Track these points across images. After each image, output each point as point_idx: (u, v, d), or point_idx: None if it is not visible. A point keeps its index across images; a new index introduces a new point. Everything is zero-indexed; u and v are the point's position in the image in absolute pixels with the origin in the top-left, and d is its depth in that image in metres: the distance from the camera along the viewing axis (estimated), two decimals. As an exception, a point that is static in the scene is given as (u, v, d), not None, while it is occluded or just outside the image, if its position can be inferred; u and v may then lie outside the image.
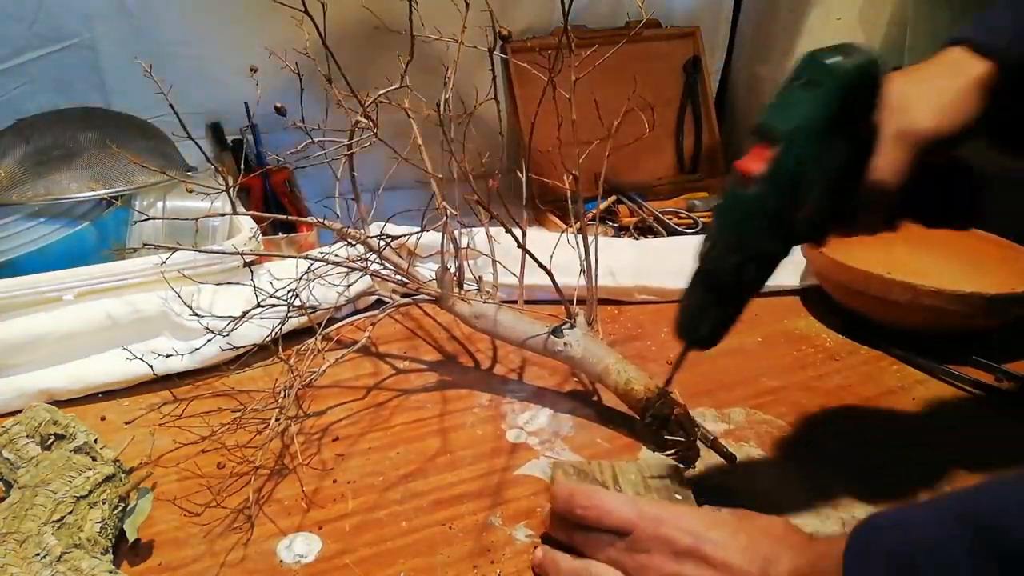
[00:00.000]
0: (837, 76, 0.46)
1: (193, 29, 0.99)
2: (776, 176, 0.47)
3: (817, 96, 0.46)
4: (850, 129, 0.47)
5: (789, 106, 0.47)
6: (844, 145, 0.47)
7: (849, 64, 0.46)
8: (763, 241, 0.49)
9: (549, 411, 0.71)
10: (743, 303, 0.53)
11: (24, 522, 0.48)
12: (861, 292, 0.81)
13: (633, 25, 1.18)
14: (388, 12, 0.67)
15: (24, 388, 0.69)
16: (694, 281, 0.53)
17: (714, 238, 0.51)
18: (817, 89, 0.46)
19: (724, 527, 0.48)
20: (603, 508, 0.50)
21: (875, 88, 0.47)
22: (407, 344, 0.83)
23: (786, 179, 0.47)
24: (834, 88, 0.46)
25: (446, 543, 0.55)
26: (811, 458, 0.65)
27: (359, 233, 0.71)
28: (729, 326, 0.54)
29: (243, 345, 0.71)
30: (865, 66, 0.46)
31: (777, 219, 0.48)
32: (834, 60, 0.46)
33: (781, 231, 0.49)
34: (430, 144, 0.71)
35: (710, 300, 0.52)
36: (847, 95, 0.46)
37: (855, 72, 0.46)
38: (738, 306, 0.53)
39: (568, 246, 0.73)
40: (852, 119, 0.47)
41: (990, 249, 0.89)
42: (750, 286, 0.52)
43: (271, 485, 0.61)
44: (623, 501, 0.51)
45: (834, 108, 0.46)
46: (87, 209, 0.83)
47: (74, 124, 0.86)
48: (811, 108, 0.46)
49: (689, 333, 0.55)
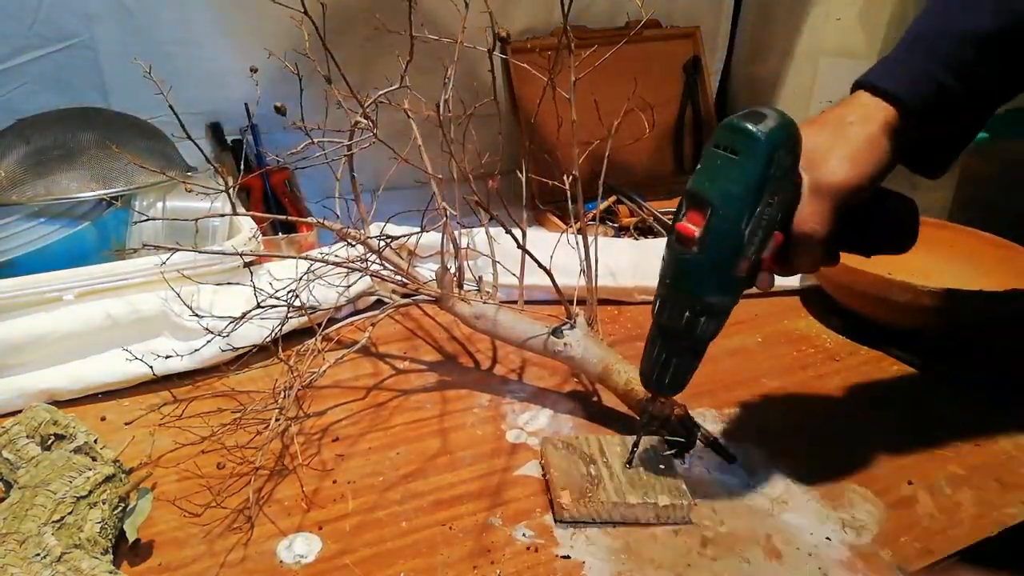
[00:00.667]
0: (756, 146, 0.49)
1: (193, 29, 0.99)
2: (711, 240, 0.50)
3: (740, 165, 0.49)
4: (775, 188, 0.50)
5: (715, 174, 0.50)
6: (772, 202, 0.50)
7: (766, 132, 0.49)
8: (709, 297, 0.52)
9: (549, 411, 0.71)
10: (702, 351, 0.56)
11: (24, 522, 0.48)
12: (861, 292, 0.81)
13: (633, 25, 1.18)
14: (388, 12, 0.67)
15: (24, 388, 0.69)
16: (652, 336, 0.56)
17: (663, 296, 0.54)
18: (739, 158, 0.49)
19: None
20: None
21: (793, 148, 0.51)
22: (407, 344, 0.83)
23: (720, 242, 0.51)
24: (754, 157, 0.49)
25: (446, 543, 0.55)
26: (811, 458, 0.65)
27: (359, 233, 0.71)
28: (692, 372, 0.57)
29: (243, 346, 0.71)
30: (780, 131, 0.49)
31: (718, 277, 0.52)
32: (754, 129, 0.49)
33: (724, 286, 0.52)
34: (430, 144, 0.71)
35: (670, 353, 0.56)
36: (768, 162, 0.49)
37: (773, 139, 0.49)
38: (698, 354, 0.56)
39: (568, 246, 0.73)
40: (775, 180, 0.50)
41: (990, 249, 0.89)
42: (705, 337, 0.54)
43: (271, 485, 0.61)
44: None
45: (756, 175, 0.49)
46: (87, 209, 0.83)
47: (74, 124, 0.86)
48: (735, 178, 0.50)
49: (655, 384, 0.57)
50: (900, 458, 0.65)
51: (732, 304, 0.54)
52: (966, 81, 0.53)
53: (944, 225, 0.94)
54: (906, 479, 0.62)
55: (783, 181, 0.51)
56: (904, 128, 0.53)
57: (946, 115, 0.54)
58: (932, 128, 0.54)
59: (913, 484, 0.62)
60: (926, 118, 0.53)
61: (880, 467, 0.64)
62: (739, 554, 0.55)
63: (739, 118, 0.50)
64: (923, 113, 0.53)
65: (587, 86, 0.68)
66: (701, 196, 0.50)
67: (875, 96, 0.54)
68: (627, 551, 0.55)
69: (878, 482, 0.62)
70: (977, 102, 0.55)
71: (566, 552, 0.54)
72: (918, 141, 0.55)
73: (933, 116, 0.53)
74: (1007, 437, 0.68)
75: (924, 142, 0.56)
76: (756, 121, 0.49)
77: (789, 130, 0.50)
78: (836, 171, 0.52)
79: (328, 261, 0.72)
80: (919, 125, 0.53)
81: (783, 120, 0.50)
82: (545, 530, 0.57)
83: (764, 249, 0.52)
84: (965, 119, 0.57)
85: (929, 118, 0.53)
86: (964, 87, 0.53)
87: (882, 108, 0.53)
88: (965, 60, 0.52)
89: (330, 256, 0.73)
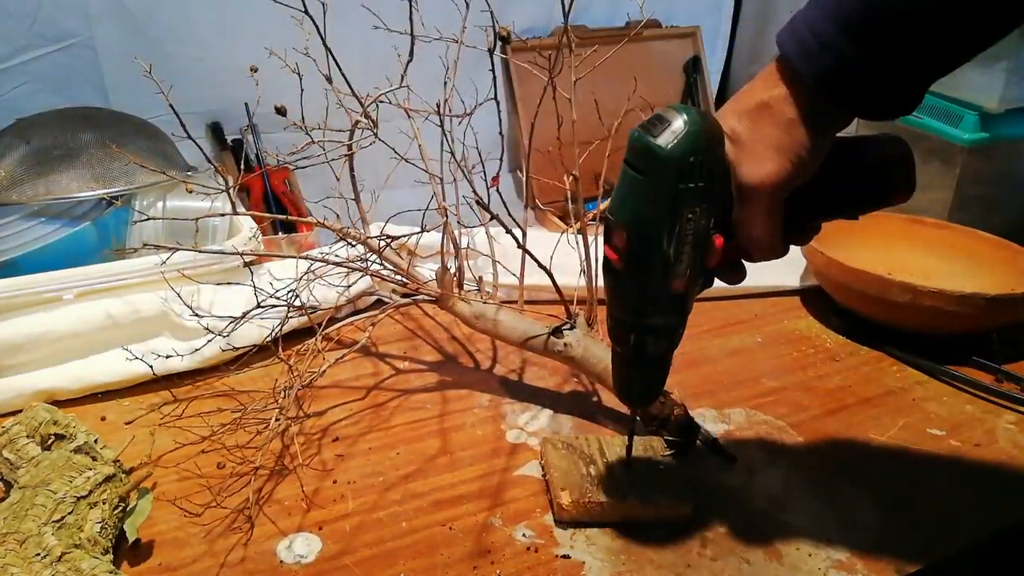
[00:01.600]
0: (659, 163, 0.43)
1: (193, 29, 0.99)
2: (634, 265, 0.47)
3: (646, 186, 0.44)
4: (694, 200, 0.45)
5: (626, 197, 0.46)
6: (694, 215, 0.45)
7: (669, 146, 0.43)
8: (651, 319, 0.49)
9: (549, 411, 0.71)
10: (663, 365, 0.53)
11: (24, 522, 0.48)
12: (861, 293, 0.81)
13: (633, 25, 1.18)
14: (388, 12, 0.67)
15: (24, 388, 0.69)
16: (612, 356, 0.55)
17: (609, 321, 0.52)
18: (643, 177, 0.44)
19: None
20: None
21: (708, 149, 0.44)
22: (407, 344, 0.83)
23: (644, 266, 0.47)
24: (660, 175, 0.44)
25: (446, 544, 0.55)
26: (811, 459, 0.65)
27: (359, 233, 0.71)
28: (661, 384, 0.54)
29: (243, 345, 0.71)
30: (687, 139, 0.43)
31: (651, 298, 0.48)
32: (653, 144, 0.43)
33: (663, 305, 0.49)
34: (430, 144, 0.71)
35: (631, 372, 0.54)
36: (676, 177, 0.44)
37: (679, 151, 0.43)
38: (659, 368, 0.53)
39: (568, 246, 0.73)
40: (691, 192, 0.44)
41: (990, 249, 0.89)
42: (659, 353, 0.52)
43: (271, 485, 0.61)
44: None
45: (666, 194, 0.44)
46: (87, 209, 0.83)
47: (74, 124, 0.86)
48: (644, 199, 0.45)
49: (627, 399, 0.56)
50: (899, 458, 0.65)
51: (679, 320, 0.50)
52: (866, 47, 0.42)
53: (944, 225, 0.94)
54: (906, 479, 0.62)
55: (701, 189, 0.44)
56: (810, 98, 0.44)
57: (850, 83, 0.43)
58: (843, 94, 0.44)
59: (913, 484, 0.62)
60: (829, 89, 0.43)
61: (880, 467, 0.64)
62: (739, 554, 0.55)
63: (640, 129, 0.44)
64: (825, 84, 0.43)
65: (587, 86, 0.68)
66: (617, 219, 0.46)
67: (784, 63, 0.45)
68: (627, 551, 0.55)
69: (878, 482, 0.62)
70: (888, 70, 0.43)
71: (566, 552, 0.54)
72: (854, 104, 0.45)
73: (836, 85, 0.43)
74: (1007, 437, 0.68)
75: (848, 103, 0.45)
76: (657, 132, 0.43)
77: (697, 133, 0.43)
78: (757, 169, 0.45)
79: (328, 261, 0.72)
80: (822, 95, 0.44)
81: (691, 123, 0.43)
82: (545, 530, 0.57)
83: (702, 260, 0.47)
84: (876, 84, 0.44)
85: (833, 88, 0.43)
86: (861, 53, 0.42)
87: (791, 78, 0.45)
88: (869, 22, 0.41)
89: (330, 256, 0.73)
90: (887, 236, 0.94)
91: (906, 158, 0.48)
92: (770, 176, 0.45)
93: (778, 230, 0.47)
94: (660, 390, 0.56)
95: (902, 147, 0.49)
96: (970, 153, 1.07)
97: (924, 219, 0.95)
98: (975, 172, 1.08)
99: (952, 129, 1.07)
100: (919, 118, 1.11)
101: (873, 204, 0.50)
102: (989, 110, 1.05)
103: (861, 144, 0.49)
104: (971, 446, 0.67)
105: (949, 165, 1.09)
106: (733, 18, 1.33)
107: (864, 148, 0.49)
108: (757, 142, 0.45)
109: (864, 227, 0.94)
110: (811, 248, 0.85)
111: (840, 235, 0.91)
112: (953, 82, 1.09)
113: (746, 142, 0.46)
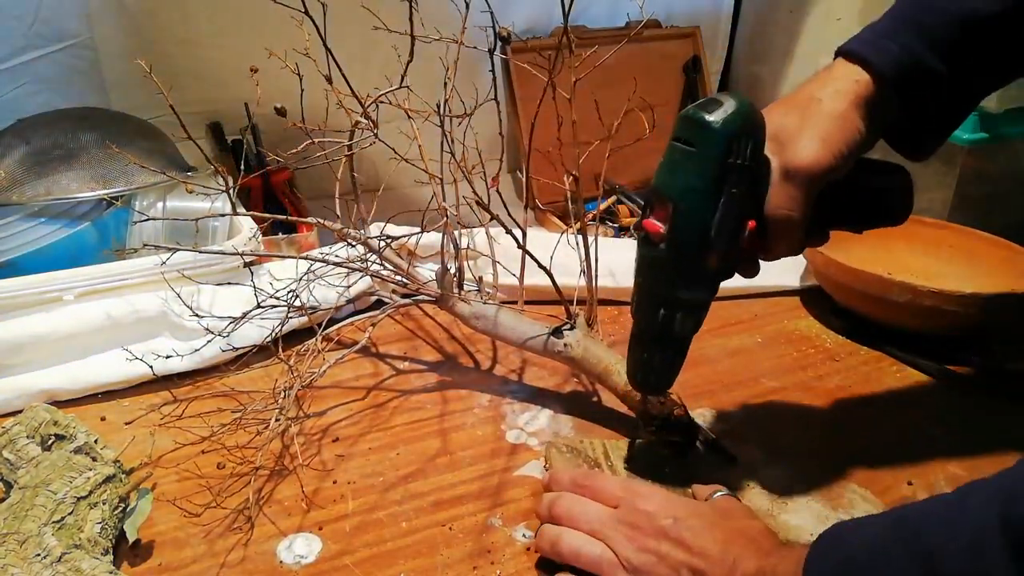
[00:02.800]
0: (711, 136, 0.47)
1: (193, 29, 0.99)
2: (677, 236, 0.49)
3: (696, 159, 0.48)
4: (738, 177, 0.48)
5: (674, 169, 0.49)
6: (736, 191, 0.48)
7: (721, 121, 0.47)
8: (681, 293, 0.52)
9: (549, 412, 0.71)
10: (684, 347, 0.55)
11: (24, 522, 0.48)
12: (861, 293, 0.81)
13: (633, 25, 1.18)
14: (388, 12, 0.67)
15: (24, 388, 0.69)
16: (632, 336, 0.55)
17: (638, 296, 0.53)
18: (695, 151, 0.48)
19: (704, 517, 0.49)
20: (596, 486, 0.53)
21: (754, 132, 0.48)
22: (407, 345, 0.83)
23: (687, 237, 0.49)
24: (711, 149, 0.47)
25: (446, 544, 0.55)
26: (811, 459, 0.65)
27: (359, 234, 0.71)
28: (677, 369, 0.56)
29: (243, 346, 0.71)
30: (737, 117, 0.47)
31: (688, 272, 0.51)
32: (707, 119, 0.47)
33: (695, 281, 0.51)
34: (430, 145, 0.71)
35: (651, 352, 0.55)
36: (726, 151, 0.47)
37: (729, 127, 0.47)
38: (680, 351, 0.55)
39: (568, 246, 0.73)
40: (736, 168, 0.48)
41: (990, 249, 0.89)
42: (684, 333, 0.54)
43: (271, 486, 0.61)
44: (615, 480, 0.54)
45: (714, 167, 0.47)
46: (87, 209, 0.83)
47: (74, 124, 0.86)
48: (693, 171, 0.48)
49: (641, 384, 0.57)
50: (900, 458, 0.65)
51: (708, 298, 0.53)
52: (950, 62, 0.50)
53: (944, 225, 0.94)
54: (905, 479, 0.62)
55: (746, 168, 0.48)
56: (879, 101, 0.50)
57: (926, 94, 0.51)
58: (911, 105, 0.51)
59: (913, 484, 0.62)
60: (902, 91, 0.50)
61: (880, 467, 0.64)
62: (739, 554, 0.55)
63: (695, 108, 0.48)
64: (898, 84, 0.50)
65: (587, 86, 0.68)
66: (663, 192, 0.49)
67: (851, 63, 0.51)
68: (627, 551, 0.55)
69: (878, 482, 0.62)
70: (961, 85, 0.52)
71: (566, 552, 0.54)
72: (897, 119, 0.52)
73: (911, 91, 0.51)
74: (1007, 437, 0.68)
75: (904, 120, 0.53)
76: (711, 110, 0.47)
77: (747, 115, 0.48)
78: (804, 153, 0.49)
79: (328, 261, 0.72)
80: (895, 98, 0.51)
81: (741, 106, 0.47)
82: (545, 530, 0.56)
83: (736, 239, 0.50)
84: (948, 101, 0.53)
85: (906, 92, 0.51)
86: (947, 68, 0.50)
87: (855, 78, 0.50)
88: (952, 41, 0.50)
89: (330, 256, 0.73)
90: (887, 236, 0.93)
91: (911, 189, 0.55)
92: (816, 161, 0.49)
93: (806, 218, 0.51)
94: (675, 377, 0.57)
95: (908, 179, 0.55)
96: (970, 153, 1.07)
97: (924, 219, 0.95)
98: (975, 172, 1.08)
99: (952, 129, 1.07)
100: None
101: (877, 224, 0.56)
102: (989, 110, 1.05)
103: (879, 167, 0.55)
104: (971, 446, 0.67)
105: (949, 165, 1.09)
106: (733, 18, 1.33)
107: (881, 171, 0.54)
108: (805, 131, 0.50)
109: (864, 227, 0.94)
110: (811, 248, 0.85)
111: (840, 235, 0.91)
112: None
113: (793, 132, 0.50)
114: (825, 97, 0.50)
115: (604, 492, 0.52)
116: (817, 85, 0.52)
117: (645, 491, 0.52)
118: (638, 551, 0.48)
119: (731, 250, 0.50)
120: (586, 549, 0.49)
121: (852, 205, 0.54)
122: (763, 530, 0.49)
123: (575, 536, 0.50)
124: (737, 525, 0.49)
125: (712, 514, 0.50)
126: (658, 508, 0.49)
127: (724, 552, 0.46)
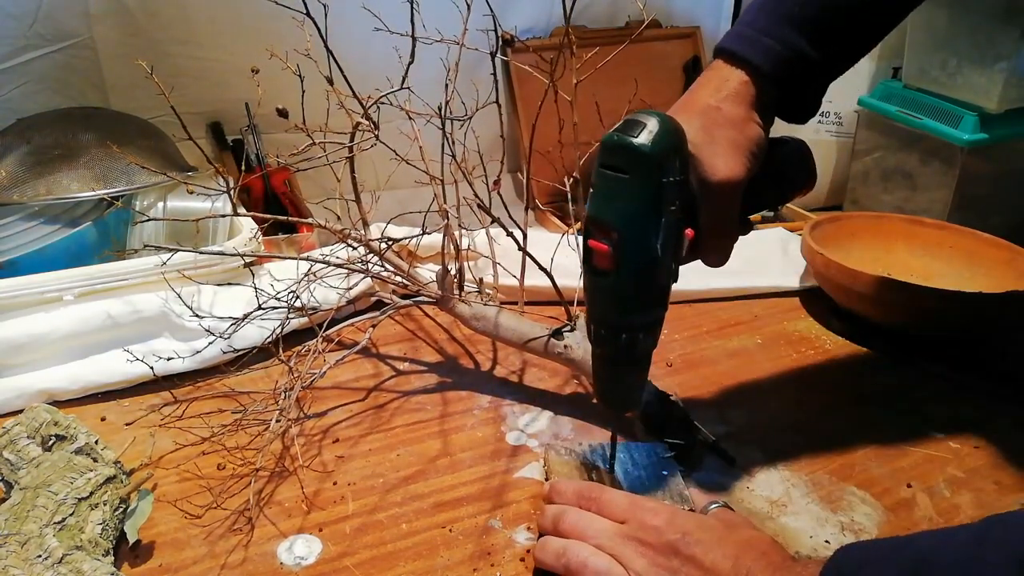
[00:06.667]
0: (643, 160, 0.46)
1: (193, 29, 0.99)
2: (627, 264, 0.49)
3: (632, 185, 0.47)
4: (674, 194, 0.48)
5: (611, 197, 0.48)
6: (674, 207, 0.48)
7: (650, 143, 0.46)
8: (640, 316, 0.52)
9: (549, 413, 0.71)
10: (648, 363, 0.55)
11: (25, 523, 0.48)
12: (861, 293, 0.81)
13: (634, 26, 1.18)
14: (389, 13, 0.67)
15: (24, 388, 0.69)
16: (596, 359, 0.55)
17: (596, 325, 0.53)
18: (628, 177, 0.47)
19: (712, 531, 0.49)
20: (602, 499, 0.53)
21: (680, 147, 0.48)
22: (407, 346, 0.83)
23: (636, 265, 0.49)
24: (644, 173, 0.47)
25: (446, 546, 0.55)
26: (811, 459, 0.65)
27: (360, 235, 0.71)
28: (644, 385, 0.57)
29: (243, 346, 0.71)
30: (663, 136, 0.46)
31: (644, 295, 0.51)
32: (636, 144, 0.46)
33: (651, 301, 0.51)
34: (431, 146, 0.71)
35: (620, 374, 0.55)
36: (659, 173, 0.47)
37: (658, 148, 0.46)
38: (646, 368, 0.55)
39: (568, 247, 0.73)
40: (671, 186, 0.47)
41: (990, 249, 0.89)
42: (647, 350, 0.54)
43: (271, 487, 0.61)
44: (621, 495, 0.54)
45: (651, 191, 0.47)
46: (87, 209, 0.83)
47: (74, 124, 0.86)
48: (631, 198, 0.47)
49: (611, 404, 0.58)
50: (899, 460, 0.65)
51: (664, 312, 0.53)
52: (823, 48, 0.52)
53: (944, 225, 0.94)
54: (905, 481, 0.63)
55: (679, 183, 0.48)
56: (768, 98, 0.52)
57: (805, 81, 0.53)
58: (790, 91, 0.53)
59: (912, 486, 0.62)
60: (785, 84, 0.52)
61: (879, 469, 0.64)
62: (739, 556, 0.55)
63: (618, 133, 0.47)
64: (782, 80, 0.52)
65: (587, 87, 0.68)
66: (601, 220, 0.48)
67: (734, 66, 0.52)
68: (627, 553, 0.55)
69: (877, 484, 0.62)
70: (831, 66, 0.54)
71: (566, 554, 0.54)
72: (781, 100, 0.54)
73: (793, 82, 0.52)
74: (1006, 439, 0.68)
75: (782, 102, 0.54)
76: (636, 133, 0.46)
77: (672, 131, 0.47)
78: (722, 169, 0.50)
79: (329, 262, 0.72)
80: (776, 90, 0.52)
81: (663, 123, 0.47)
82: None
83: (680, 251, 0.50)
84: (821, 82, 0.55)
85: (788, 84, 0.52)
86: (821, 54, 0.52)
87: (744, 79, 0.52)
88: (824, 28, 0.51)
89: (331, 257, 0.73)
90: (887, 237, 0.94)
91: (809, 154, 0.56)
92: (735, 174, 0.50)
93: (736, 221, 0.53)
94: (643, 394, 0.58)
95: (803, 145, 0.56)
96: (970, 153, 1.07)
97: (923, 219, 0.95)
98: (975, 172, 1.09)
99: (952, 129, 1.07)
100: (919, 118, 1.11)
101: (790, 196, 0.58)
102: (988, 110, 1.05)
103: (772, 142, 0.55)
104: (970, 448, 0.67)
105: (949, 165, 1.09)
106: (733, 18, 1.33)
107: (775, 144, 0.55)
108: (714, 143, 0.50)
109: (864, 228, 0.95)
110: (811, 249, 0.85)
111: (840, 236, 0.91)
112: (952, 82, 1.09)
113: (702, 144, 0.50)
114: (723, 104, 0.51)
115: (610, 506, 0.52)
116: (710, 91, 0.52)
117: (652, 506, 0.52)
118: (649, 566, 0.48)
119: (676, 262, 0.51)
120: (593, 561, 0.49)
121: (762, 188, 0.54)
122: (771, 542, 0.49)
123: (582, 548, 0.50)
124: (744, 537, 0.49)
125: (719, 527, 0.50)
126: (666, 523, 0.49)
127: (736, 567, 0.46)
